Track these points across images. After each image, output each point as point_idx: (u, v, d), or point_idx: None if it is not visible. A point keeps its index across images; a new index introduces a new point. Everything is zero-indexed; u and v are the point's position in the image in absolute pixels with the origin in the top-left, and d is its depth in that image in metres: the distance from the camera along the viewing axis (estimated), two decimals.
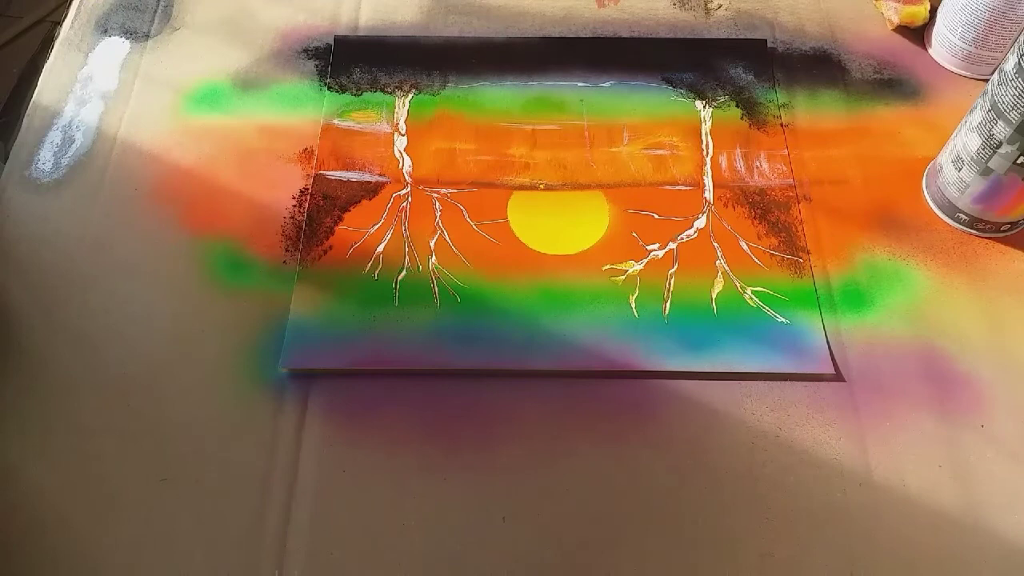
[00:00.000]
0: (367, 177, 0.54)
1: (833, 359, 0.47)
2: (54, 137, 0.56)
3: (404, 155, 0.55)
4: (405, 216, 0.52)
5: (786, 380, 0.46)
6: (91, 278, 0.50)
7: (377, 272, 0.50)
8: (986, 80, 0.48)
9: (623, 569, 0.41)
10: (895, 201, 0.53)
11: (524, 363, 0.46)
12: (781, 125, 0.56)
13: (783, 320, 0.48)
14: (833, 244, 0.51)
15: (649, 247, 0.51)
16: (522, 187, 0.53)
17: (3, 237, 0.51)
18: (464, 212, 0.52)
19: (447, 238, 0.51)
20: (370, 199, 0.53)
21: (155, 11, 0.62)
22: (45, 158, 0.55)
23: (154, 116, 0.56)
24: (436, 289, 0.49)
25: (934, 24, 0.60)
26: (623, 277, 0.50)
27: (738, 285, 0.49)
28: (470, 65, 0.59)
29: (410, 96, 0.58)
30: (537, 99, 0.58)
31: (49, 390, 0.46)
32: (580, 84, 0.58)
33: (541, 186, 0.54)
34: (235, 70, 0.59)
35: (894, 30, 0.61)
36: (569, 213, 0.52)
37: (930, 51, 0.60)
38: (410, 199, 0.53)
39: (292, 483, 0.43)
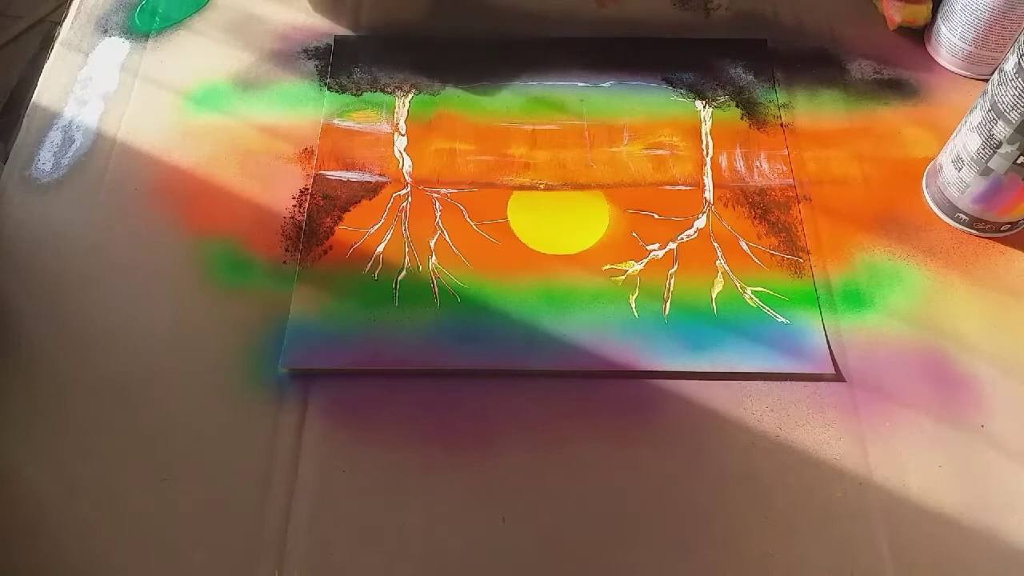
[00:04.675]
0: (367, 177, 0.54)
1: (833, 359, 0.47)
2: (54, 137, 0.56)
3: (404, 155, 0.55)
4: (405, 216, 0.52)
5: (786, 380, 0.46)
6: (91, 278, 0.50)
7: (377, 272, 0.50)
8: (986, 80, 0.48)
9: (623, 569, 0.41)
10: (895, 201, 0.53)
11: (524, 363, 0.46)
12: (781, 125, 0.56)
13: (783, 320, 0.48)
14: (833, 244, 0.51)
15: (649, 247, 0.51)
16: (522, 187, 0.53)
17: (3, 237, 0.51)
18: (464, 212, 0.52)
19: (447, 238, 0.51)
20: (370, 199, 0.53)
21: None
22: (45, 158, 0.55)
23: (154, 116, 0.56)
24: (436, 289, 0.49)
25: (934, 24, 0.60)
26: (623, 277, 0.50)
27: (738, 285, 0.49)
28: (470, 65, 0.59)
29: (410, 96, 0.58)
30: (537, 99, 0.58)
31: (49, 390, 0.46)
32: (580, 84, 0.58)
33: (541, 186, 0.54)
34: (235, 70, 0.59)
35: (894, 30, 0.61)
36: (569, 213, 0.52)
37: (930, 51, 0.60)
38: (410, 199, 0.53)
39: (292, 483, 0.43)
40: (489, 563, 0.41)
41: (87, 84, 0.58)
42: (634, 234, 0.51)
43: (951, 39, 0.58)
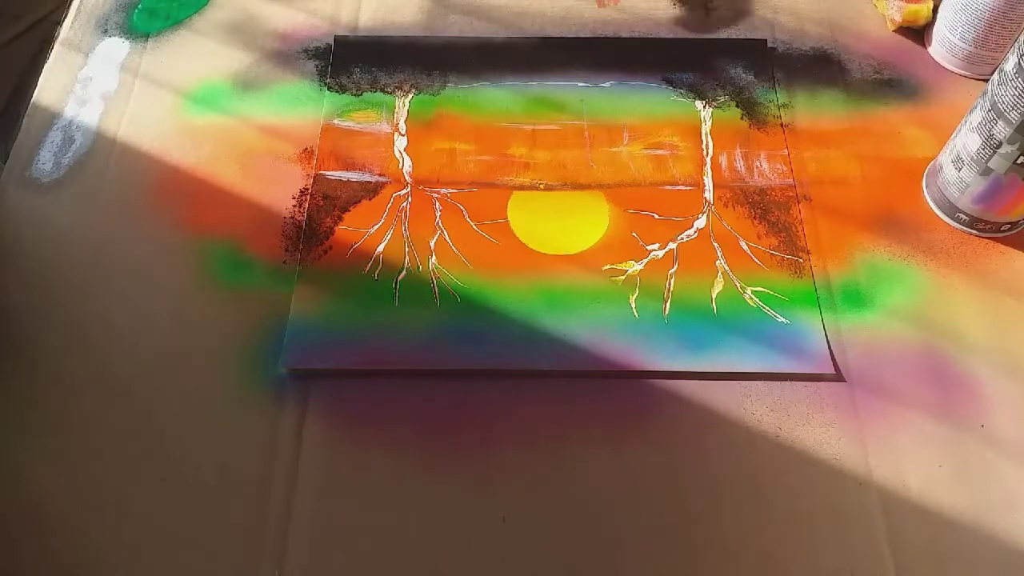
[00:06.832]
0: (367, 177, 0.54)
1: (833, 359, 0.47)
2: (54, 137, 0.56)
3: (404, 155, 0.55)
4: (405, 216, 0.52)
5: (786, 380, 0.46)
6: (91, 278, 0.50)
7: (377, 272, 0.50)
8: (986, 80, 0.48)
9: (623, 570, 0.41)
10: (895, 201, 0.53)
11: (524, 363, 0.46)
12: (781, 125, 0.56)
13: (783, 320, 0.48)
14: (833, 244, 0.51)
15: (649, 247, 0.51)
16: (522, 187, 0.53)
17: (3, 237, 0.52)
18: (464, 212, 0.52)
19: (447, 238, 0.51)
20: (370, 199, 0.53)
21: None
22: (45, 158, 0.55)
23: (154, 116, 0.56)
24: (436, 289, 0.49)
25: (934, 24, 0.60)
26: (623, 277, 0.50)
27: (738, 285, 0.49)
28: (470, 65, 0.59)
29: (410, 96, 0.58)
30: (537, 99, 0.58)
31: (49, 390, 0.46)
32: (580, 84, 0.58)
33: (541, 186, 0.54)
34: (235, 70, 0.59)
35: (895, 30, 0.61)
36: (569, 213, 0.52)
37: (930, 51, 0.60)
38: (410, 199, 0.53)
39: (292, 483, 0.43)
40: (489, 563, 0.41)
41: (87, 84, 0.58)
42: (634, 234, 0.51)
43: (951, 39, 0.58)
